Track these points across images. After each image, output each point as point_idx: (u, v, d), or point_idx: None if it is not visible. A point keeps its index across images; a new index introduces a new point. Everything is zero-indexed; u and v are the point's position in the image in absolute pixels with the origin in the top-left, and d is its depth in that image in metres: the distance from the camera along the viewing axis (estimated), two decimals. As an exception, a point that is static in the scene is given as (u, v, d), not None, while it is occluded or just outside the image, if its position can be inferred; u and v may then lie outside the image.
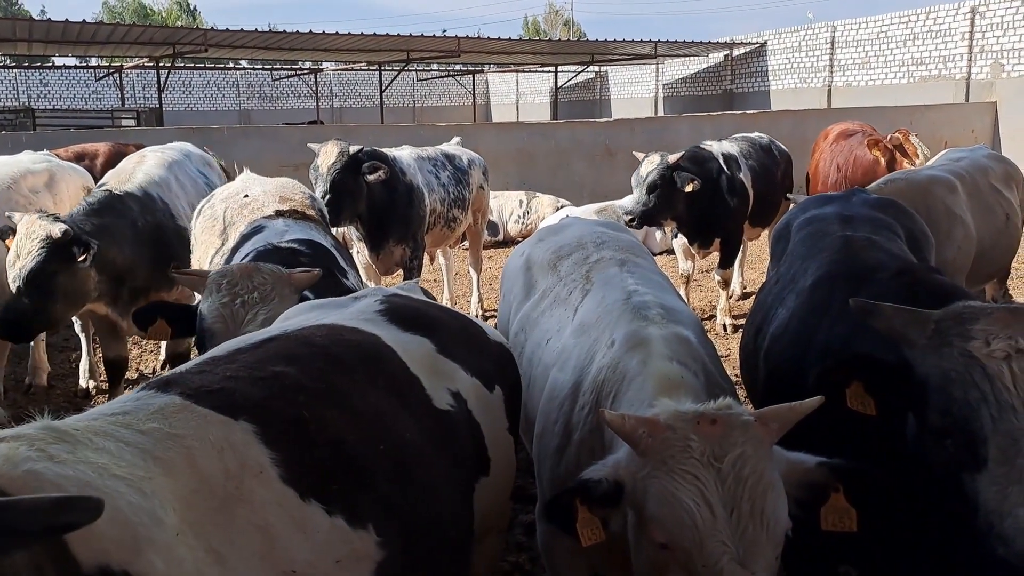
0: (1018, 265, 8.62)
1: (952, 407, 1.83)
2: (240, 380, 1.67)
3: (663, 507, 1.75)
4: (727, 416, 1.81)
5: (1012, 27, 17.75)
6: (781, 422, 1.83)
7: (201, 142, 8.69)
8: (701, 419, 1.81)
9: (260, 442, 1.54)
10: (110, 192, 4.92)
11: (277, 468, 1.53)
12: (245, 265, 3.19)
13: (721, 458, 1.74)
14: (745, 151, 7.66)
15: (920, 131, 16.53)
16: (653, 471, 1.79)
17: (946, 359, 1.88)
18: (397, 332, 2.20)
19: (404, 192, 6.50)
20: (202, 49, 21.10)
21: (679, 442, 1.78)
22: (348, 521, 1.59)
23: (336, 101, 37.16)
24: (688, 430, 1.79)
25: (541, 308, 3.23)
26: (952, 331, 1.91)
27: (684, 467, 1.75)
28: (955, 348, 1.87)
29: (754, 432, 1.79)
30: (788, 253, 3.29)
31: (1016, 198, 5.73)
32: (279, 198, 4.31)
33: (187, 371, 1.72)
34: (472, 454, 2.17)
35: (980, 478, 1.78)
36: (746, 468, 1.73)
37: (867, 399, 2.02)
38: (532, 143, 14.00)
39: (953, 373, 1.85)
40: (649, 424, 1.83)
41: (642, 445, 1.81)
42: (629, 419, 1.85)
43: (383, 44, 22.03)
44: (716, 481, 1.72)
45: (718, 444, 1.76)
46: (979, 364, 1.82)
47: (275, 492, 1.50)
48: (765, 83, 24.21)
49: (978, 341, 1.85)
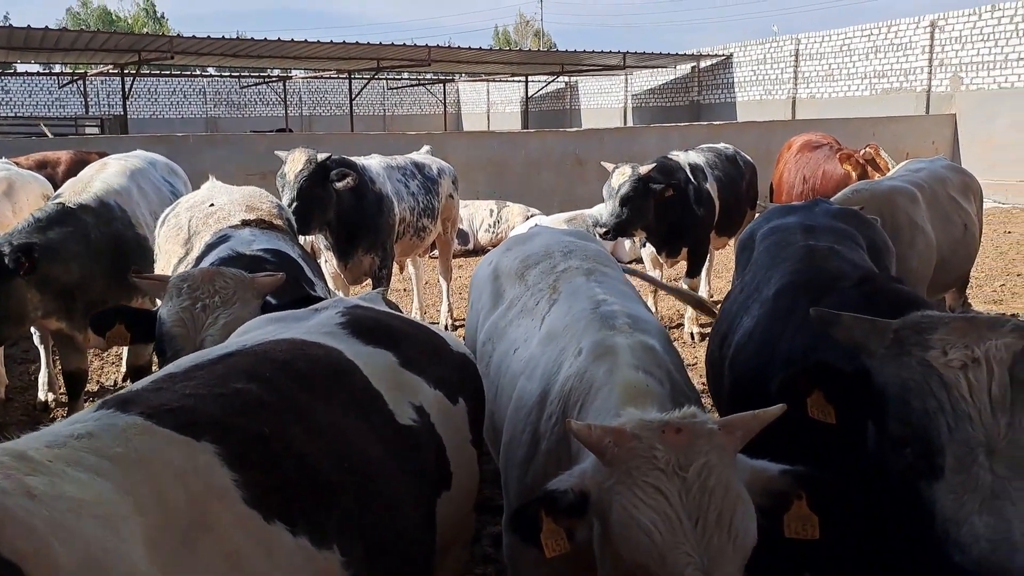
0: (976, 274, 8.80)
1: (910, 416, 1.85)
2: (200, 398, 1.64)
3: (624, 521, 1.75)
4: (692, 425, 1.81)
5: (970, 41, 18.18)
6: (745, 430, 1.84)
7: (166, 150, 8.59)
8: (666, 428, 1.81)
9: (223, 464, 1.52)
10: (61, 205, 4.77)
11: (240, 490, 1.50)
12: (207, 269, 3.12)
13: (686, 467, 1.74)
14: (711, 161, 7.74)
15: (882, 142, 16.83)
16: (618, 482, 1.78)
17: (904, 368, 1.90)
18: (358, 345, 2.17)
19: (373, 201, 6.46)
20: (168, 56, 20.86)
21: (644, 452, 1.77)
22: (313, 541, 1.57)
23: (305, 109, 36.95)
24: (653, 439, 1.79)
25: (509, 318, 3.23)
26: (910, 340, 1.93)
27: (648, 479, 1.74)
28: (913, 357, 1.89)
29: (718, 440, 1.79)
30: (752, 262, 3.32)
31: (973, 208, 5.86)
32: (246, 207, 4.26)
33: (145, 388, 1.68)
34: (434, 469, 2.15)
35: (937, 486, 1.80)
36: (712, 477, 1.73)
37: (827, 408, 2.03)
38: (502, 152, 14.05)
39: (911, 382, 1.87)
40: (615, 434, 1.83)
41: (608, 455, 1.81)
42: (595, 429, 1.85)
43: (353, 52, 21.98)
44: (681, 491, 1.72)
45: (683, 453, 1.76)
46: (936, 373, 1.84)
47: (239, 515, 1.48)
48: (731, 95, 24.53)
49: (936, 351, 1.87)
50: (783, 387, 2.06)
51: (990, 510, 1.73)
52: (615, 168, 6.86)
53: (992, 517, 1.72)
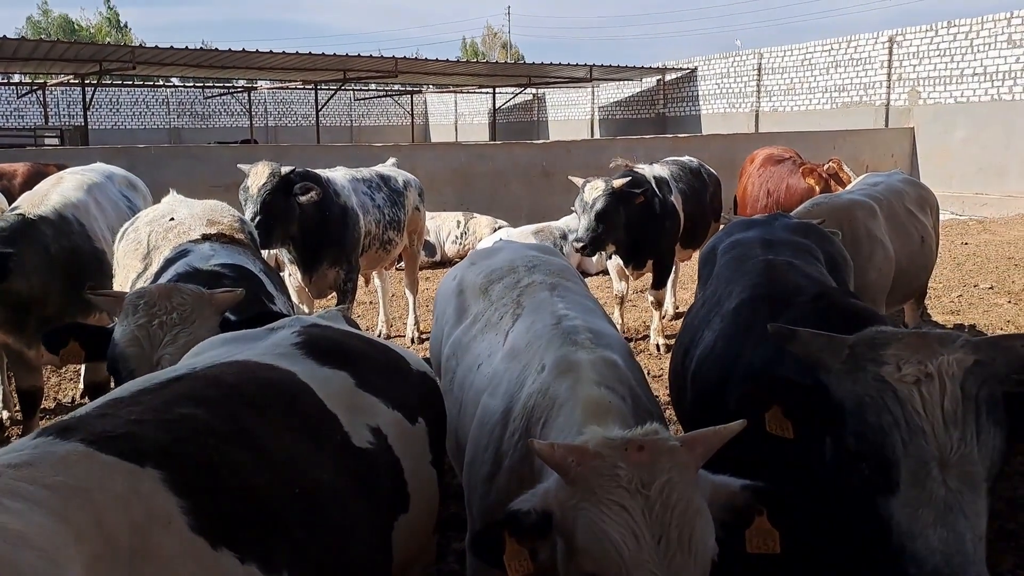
0: (934, 285, 8.98)
1: (866, 431, 1.87)
2: (145, 424, 1.60)
3: (591, 538, 1.75)
4: (654, 442, 1.82)
5: (927, 56, 18.62)
6: (706, 446, 1.85)
7: (128, 162, 8.48)
8: (629, 446, 1.81)
9: (168, 490, 1.48)
10: (21, 216, 4.67)
11: (186, 516, 1.47)
12: (164, 285, 3.04)
13: (649, 485, 1.75)
14: (676, 174, 7.81)
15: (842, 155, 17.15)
16: (582, 500, 1.79)
17: (860, 384, 1.92)
18: (314, 367, 2.13)
19: (338, 214, 6.42)
20: (130, 66, 20.60)
21: (607, 470, 1.78)
22: (261, 569, 1.55)
23: (271, 120, 36.71)
24: (616, 458, 1.80)
25: (472, 333, 3.22)
26: (866, 356, 1.95)
27: (612, 496, 1.75)
28: (868, 373, 1.92)
29: (680, 457, 1.80)
30: (714, 276, 3.35)
31: (930, 221, 5.99)
32: (207, 221, 4.20)
33: (88, 414, 1.64)
34: (391, 492, 2.12)
35: (893, 500, 1.83)
36: (674, 495, 1.74)
37: (785, 423, 2.05)
38: (470, 164, 14.06)
39: (867, 398, 1.89)
40: (577, 452, 1.83)
41: (571, 474, 1.81)
42: (558, 448, 1.85)
43: (319, 63, 21.88)
44: (644, 509, 1.73)
45: (646, 471, 1.77)
46: (891, 388, 1.86)
47: (184, 542, 1.45)
48: (696, 107, 24.84)
49: (890, 366, 1.89)
50: (742, 402, 2.08)
51: (944, 523, 1.76)
52: (586, 182, 6.87)
53: (946, 530, 1.75)
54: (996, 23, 17.23)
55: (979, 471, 1.79)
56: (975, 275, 10.24)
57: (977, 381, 1.83)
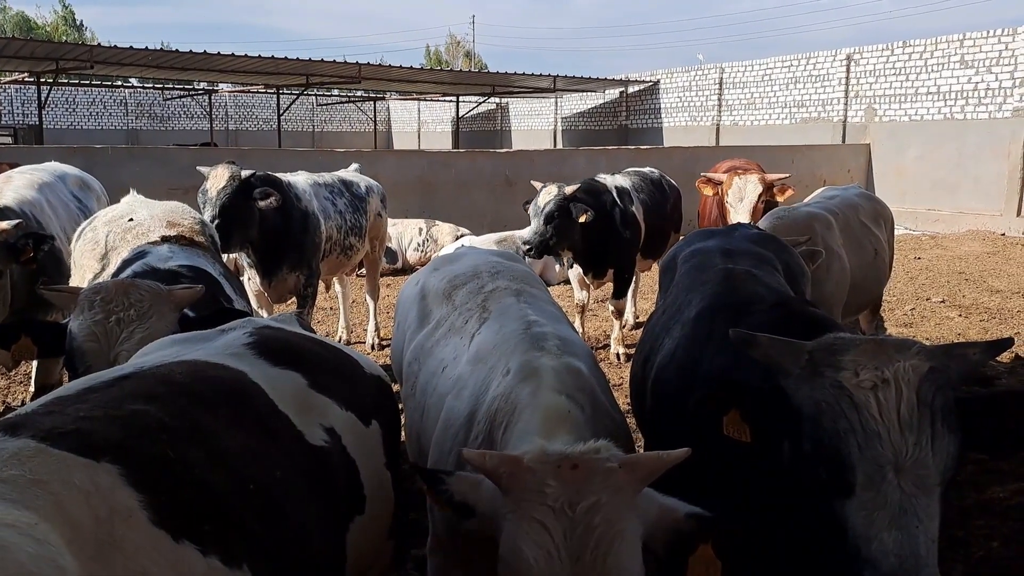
0: (888, 298, 9.18)
1: (823, 435, 1.90)
2: (96, 420, 1.57)
3: (508, 551, 1.77)
4: (590, 461, 1.81)
5: (884, 75, 19.07)
6: (646, 470, 1.84)
7: (84, 162, 8.30)
8: (563, 463, 1.81)
9: (126, 484, 1.46)
10: None
11: (146, 511, 1.46)
12: (121, 280, 2.99)
13: (575, 505, 1.74)
14: (637, 185, 7.89)
15: (801, 169, 17.52)
16: (509, 512, 1.79)
17: (818, 389, 1.95)
18: (266, 367, 2.11)
19: (299, 218, 6.36)
20: (88, 66, 20.18)
21: (536, 486, 1.78)
22: (223, 561, 1.54)
23: (232, 123, 36.24)
24: (548, 474, 1.79)
25: (436, 337, 3.21)
26: (824, 362, 1.98)
27: (535, 514, 1.75)
28: (827, 378, 1.94)
29: (615, 480, 1.79)
30: (674, 285, 3.38)
31: (884, 234, 6.13)
32: (166, 223, 4.13)
33: (33, 412, 1.60)
34: (347, 492, 2.11)
35: (849, 504, 1.85)
36: (597, 517, 1.73)
37: (743, 426, 2.06)
38: (433, 171, 14.03)
39: (824, 403, 1.92)
40: (511, 463, 1.83)
41: (503, 484, 1.82)
42: (491, 458, 1.86)
43: (282, 67, 21.67)
44: (565, 530, 1.72)
45: (575, 491, 1.76)
46: (847, 394, 1.89)
47: (147, 536, 1.43)
48: (658, 120, 25.11)
49: (847, 371, 1.92)
50: (700, 404, 2.10)
51: (898, 526, 1.79)
52: (543, 187, 6.94)
53: (900, 532, 1.78)
54: (949, 44, 17.72)
55: (933, 475, 1.82)
56: (927, 289, 10.49)
57: (932, 387, 1.87)
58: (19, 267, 4.51)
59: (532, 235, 6.81)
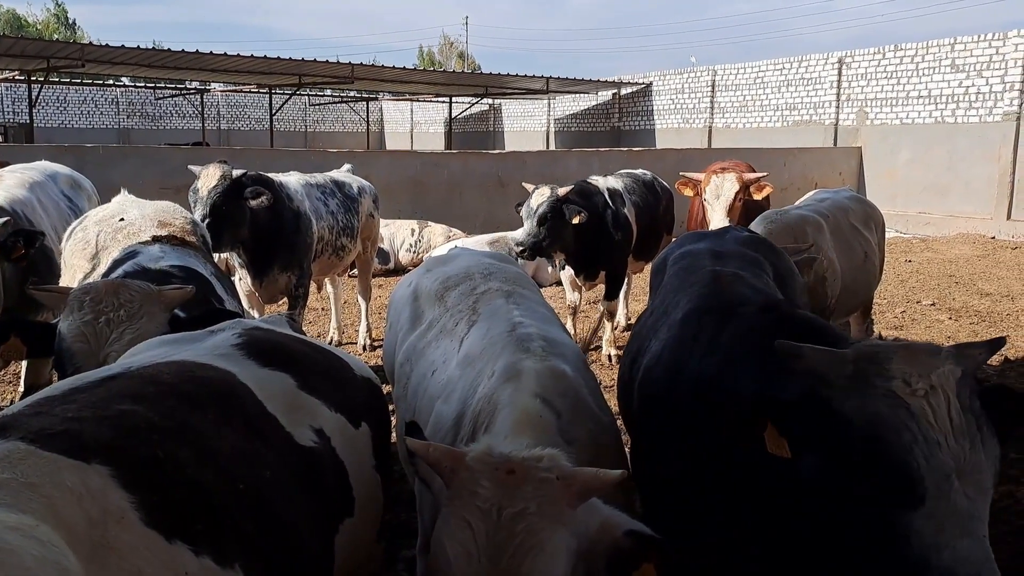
0: (879, 301, 9.22)
1: (884, 447, 1.85)
2: (85, 421, 1.57)
3: (435, 542, 1.81)
4: (527, 468, 1.81)
5: (875, 78, 19.15)
6: (584, 486, 1.81)
7: (75, 161, 8.27)
8: (500, 466, 1.82)
9: (118, 485, 1.46)
10: None
11: (138, 512, 1.46)
12: (111, 280, 2.97)
13: (502, 510, 1.75)
14: (629, 187, 7.89)
15: (793, 172, 17.58)
16: (446, 505, 1.83)
17: (871, 400, 1.90)
18: (255, 368, 2.11)
19: (290, 218, 6.35)
20: (79, 64, 20.11)
21: (471, 485, 1.80)
22: (216, 561, 1.54)
23: (224, 123, 36.15)
24: (484, 475, 1.80)
25: (427, 339, 3.22)
26: (871, 372, 1.93)
27: (464, 512, 1.77)
28: (879, 389, 1.90)
29: (549, 490, 1.78)
30: (662, 286, 3.39)
31: (875, 237, 6.16)
32: (158, 223, 4.12)
33: (20, 413, 1.60)
34: (336, 494, 2.11)
35: (915, 514, 1.81)
36: (520, 525, 1.73)
37: (781, 441, 2.01)
38: (425, 172, 14.03)
39: (881, 414, 1.87)
40: (453, 459, 1.86)
41: (445, 477, 1.85)
42: (434, 450, 1.89)
43: (274, 67, 21.63)
44: (489, 532, 1.73)
45: (506, 495, 1.76)
46: (903, 404, 1.85)
47: (140, 536, 1.43)
48: (650, 122, 25.16)
49: (898, 380, 1.88)
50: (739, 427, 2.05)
51: (969, 533, 1.77)
52: (535, 189, 6.94)
53: (971, 539, 1.77)
54: (940, 48, 17.81)
55: (988, 478, 1.82)
56: (918, 292, 10.54)
57: (967, 391, 1.87)
58: (10, 265, 4.50)
59: (525, 236, 6.81)
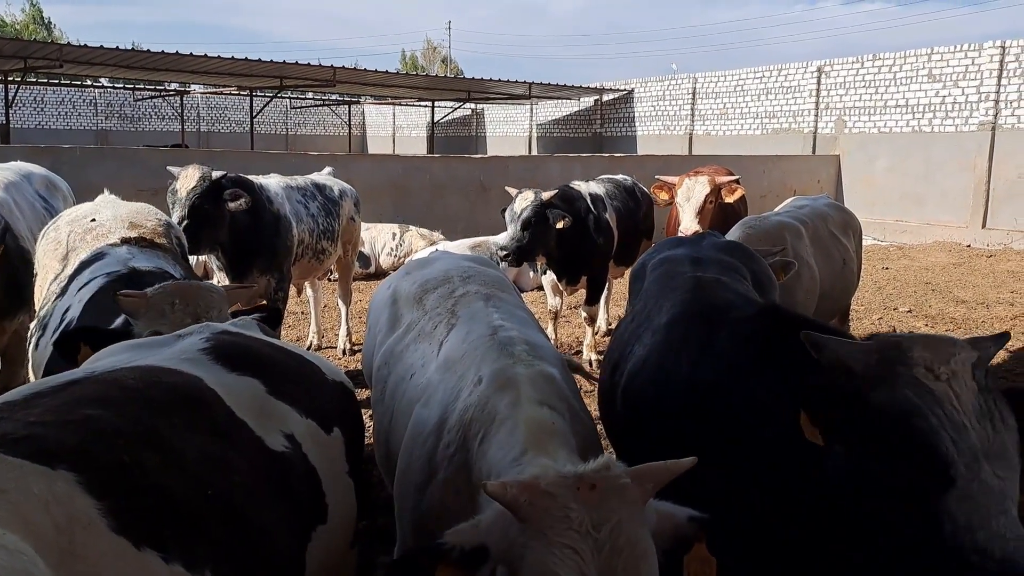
0: (856, 307, 9.30)
1: (914, 432, 1.89)
2: (48, 425, 1.53)
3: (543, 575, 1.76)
4: (606, 479, 1.82)
5: (853, 87, 19.36)
6: (656, 481, 1.86)
7: (51, 162, 8.17)
8: (581, 484, 1.81)
9: (84, 492, 1.43)
10: None
11: (106, 518, 1.43)
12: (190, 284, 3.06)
13: (599, 527, 1.75)
14: (610, 192, 7.91)
15: (772, 179, 17.70)
16: (531, 539, 1.77)
17: (899, 387, 1.95)
18: (223, 373, 2.08)
19: (270, 221, 6.30)
20: (57, 64, 19.90)
21: (559, 511, 1.77)
22: (186, 567, 1.51)
23: (204, 125, 35.89)
24: (568, 498, 1.79)
25: (406, 342, 3.19)
26: (895, 360, 1.98)
27: (562, 539, 1.74)
28: (903, 376, 1.95)
29: (630, 495, 1.81)
30: (643, 292, 3.39)
31: (852, 244, 6.22)
32: (128, 224, 4.06)
33: None
34: (308, 501, 2.07)
35: (948, 497, 1.84)
36: (622, 538, 1.75)
37: (814, 430, 2.06)
38: (407, 176, 13.98)
39: (909, 401, 1.92)
40: (530, 491, 1.81)
41: (522, 512, 1.80)
42: (511, 488, 1.83)
43: (255, 69, 21.50)
44: (593, 551, 1.73)
45: (596, 511, 1.77)
46: (928, 390, 1.90)
47: (108, 543, 1.40)
48: (632, 128, 25.27)
49: (920, 367, 1.94)
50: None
51: (1003, 510, 1.81)
52: (518, 193, 6.93)
53: (1005, 517, 1.80)
54: (917, 58, 18.02)
55: (1014, 456, 1.85)
56: (895, 299, 10.64)
57: (983, 375, 1.91)
58: None
59: (509, 241, 6.79)
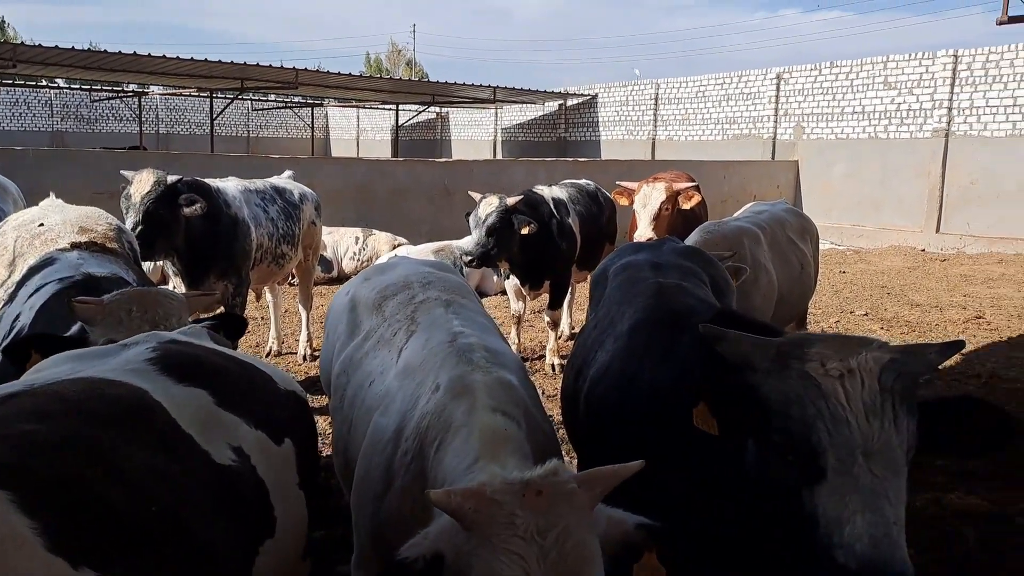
0: (814, 311, 9.43)
1: (792, 424, 1.94)
2: None
3: None
4: (553, 485, 1.82)
5: (811, 94, 19.68)
6: (604, 486, 1.86)
7: (4, 164, 7.98)
8: (527, 491, 1.80)
9: (17, 510, 1.38)
10: None
11: (40, 537, 1.38)
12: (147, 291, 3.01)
13: (545, 533, 1.75)
14: (573, 196, 7.93)
15: (732, 184, 17.91)
16: (478, 547, 1.76)
17: (785, 380, 2.00)
18: (169, 384, 2.03)
19: (228, 225, 6.20)
20: (10, 64, 19.43)
21: (504, 518, 1.76)
22: None
23: (163, 127, 35.30)
24: (514, 505, 1.78)
25: (365, 349, 3.16)
26: (791, 355, 2.03)
27: (508, 546, 1.74)
28: (794, 370, 2.00)
29: (578, 501, 1.81)
30: (605, 298, 3.40)
31: (810, 249, 6.30)
32: (78, 228, 3.97)
33: None
34: (256, 514, 2.03)
35: (820, 490, 1.89)
36: (568, 543, 1.74)
37: (711, 420, 2.11)
38: (371, 179, 13.89)
39: (792, 392, 1.97)
40: (475, 498, 1.80)
41: (467, 520, 1.78)
42: (455, 496, 1.82)
43: (216, 71, 21.20)
44: (539, 557, 1.72)
45: (543, 517, 1.76)
46: (815, 383, 1.94)
47: (42, 563, 1.35)
48: (596, 133, 25.41)
49: (814, 362, 1.98)
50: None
51: (871, 508, 1.82)
52: (482, 198, 6.92)
53: (873, 514, 1.82)
54: (874, 65, 18.38)
55: (900, 456, 1.87)
56: (851, 302, 10.81)
57: (892, 375, 1.93)
58: None
59: (473, 246, 6.78)
